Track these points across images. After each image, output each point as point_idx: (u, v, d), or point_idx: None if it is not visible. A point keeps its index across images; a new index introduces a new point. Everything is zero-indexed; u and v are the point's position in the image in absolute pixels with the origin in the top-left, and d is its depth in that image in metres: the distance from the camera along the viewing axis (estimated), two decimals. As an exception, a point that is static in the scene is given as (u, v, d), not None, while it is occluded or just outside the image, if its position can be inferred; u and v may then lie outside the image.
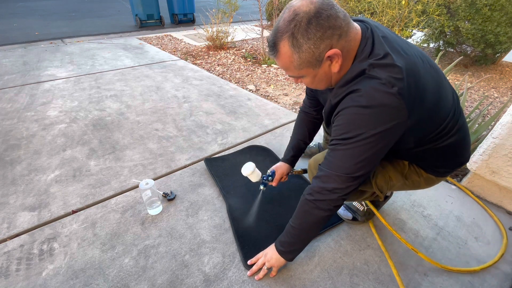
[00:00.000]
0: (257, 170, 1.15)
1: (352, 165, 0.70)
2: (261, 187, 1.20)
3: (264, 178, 1.18)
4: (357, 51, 0.69)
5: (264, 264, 0.97)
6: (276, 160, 1.56)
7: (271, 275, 0.97)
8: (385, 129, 0.65)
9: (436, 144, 0.81)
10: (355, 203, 1.21)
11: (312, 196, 0.78)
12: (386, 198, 1.20)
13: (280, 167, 1.20)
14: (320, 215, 0.80)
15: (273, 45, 0.69)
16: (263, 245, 1.05)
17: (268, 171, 1.20)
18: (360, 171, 0.71)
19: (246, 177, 1.21)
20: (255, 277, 0.97)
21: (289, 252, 0.93)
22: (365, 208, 1.19)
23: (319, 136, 1.82)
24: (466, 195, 1.39)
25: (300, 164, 1.55)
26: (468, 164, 1.36)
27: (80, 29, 5.19)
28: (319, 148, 1.61)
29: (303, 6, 0.63)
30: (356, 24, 0.71)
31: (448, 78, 3.10)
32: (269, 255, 0.96)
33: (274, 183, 1.18)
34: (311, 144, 1.61)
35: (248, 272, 0.98)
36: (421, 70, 0.70)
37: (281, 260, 0.94)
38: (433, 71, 0.76)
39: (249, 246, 1.08)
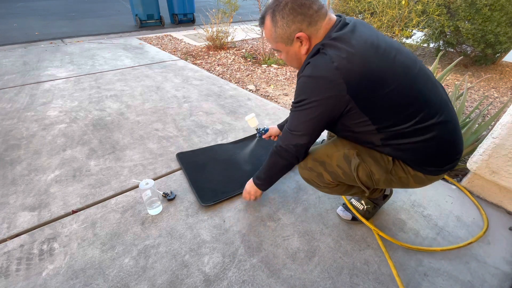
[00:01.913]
0: (256, 119, 1.42)
1: (299, 123, 0.85)
2: (257, 135, 1.48)
3: (260, 129, 1.45)
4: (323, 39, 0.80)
5: (249, 196, 1.20)
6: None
7: (256, 199, 1.25)
8: (323, 98, 0.77)
9: (410, 137, 0.80)
10: (354, 203, 1.21)
11: (278, 148, 0.97)
12: (386, 197, 1.21)
13: (273, 128, 1.44)
14: (283, 163, 0.99)
15: (262, 18, 0.87)
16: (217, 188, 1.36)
17: (265, 126, 1.47)
18: (305, 130, 0.85)
19: (223, 173, 1.49)
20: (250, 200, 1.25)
21: (262, 185, 1.14)
22: (365, 207, 1.19)
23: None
24: (466, 195, 1.39)
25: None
26: (468, 164, 1.36)
27: (80, 29, 5.20)
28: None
29: None
30: (333, 17, 0.82)
31: (448, 78, 3.10)
32: (248, 189, 1.19)
33: (265, 135, 1.44)
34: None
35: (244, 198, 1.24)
36: (383, 62, 0.75)
37: (257, 190, 1.16)
38: (404, 68, 0.77)
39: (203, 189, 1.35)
